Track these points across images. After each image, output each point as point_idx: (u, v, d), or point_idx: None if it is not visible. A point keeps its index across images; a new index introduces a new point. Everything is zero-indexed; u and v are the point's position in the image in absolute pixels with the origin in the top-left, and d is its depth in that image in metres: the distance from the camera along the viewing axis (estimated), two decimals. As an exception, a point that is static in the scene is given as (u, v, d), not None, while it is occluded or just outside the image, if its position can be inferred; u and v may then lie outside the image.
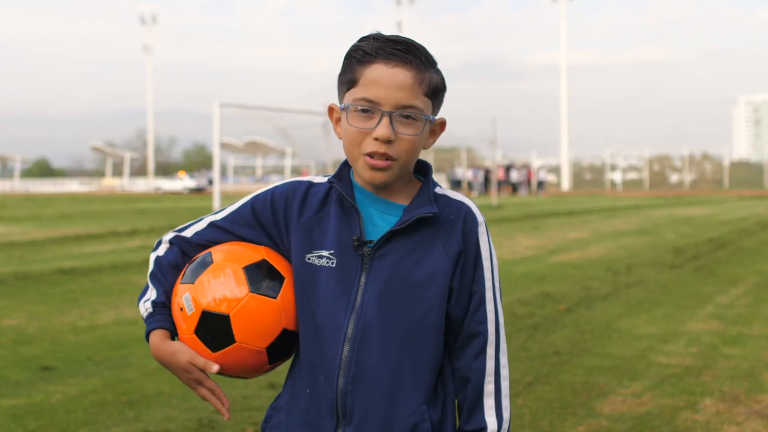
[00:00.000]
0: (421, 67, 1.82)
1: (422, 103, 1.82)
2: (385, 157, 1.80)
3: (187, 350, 1.84)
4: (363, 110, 1.80)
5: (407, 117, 1.80)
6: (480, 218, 1.90)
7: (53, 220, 24.27)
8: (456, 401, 1.91)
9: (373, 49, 1.81)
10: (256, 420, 4.83)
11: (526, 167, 57.63)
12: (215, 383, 1.85)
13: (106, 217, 25.79)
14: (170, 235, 1.99)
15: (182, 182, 65.39)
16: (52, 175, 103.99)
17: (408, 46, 1.82)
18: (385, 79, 1.79)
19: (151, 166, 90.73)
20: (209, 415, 4.91)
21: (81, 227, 20.81)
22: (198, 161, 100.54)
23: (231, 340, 1.82)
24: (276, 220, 1.92)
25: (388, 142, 1.79)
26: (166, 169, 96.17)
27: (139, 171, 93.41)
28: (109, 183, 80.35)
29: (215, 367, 1.82)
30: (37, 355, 6.56)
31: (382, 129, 1.79)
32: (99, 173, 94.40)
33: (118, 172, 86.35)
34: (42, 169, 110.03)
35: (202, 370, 1.84)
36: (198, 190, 63.59)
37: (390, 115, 1.79)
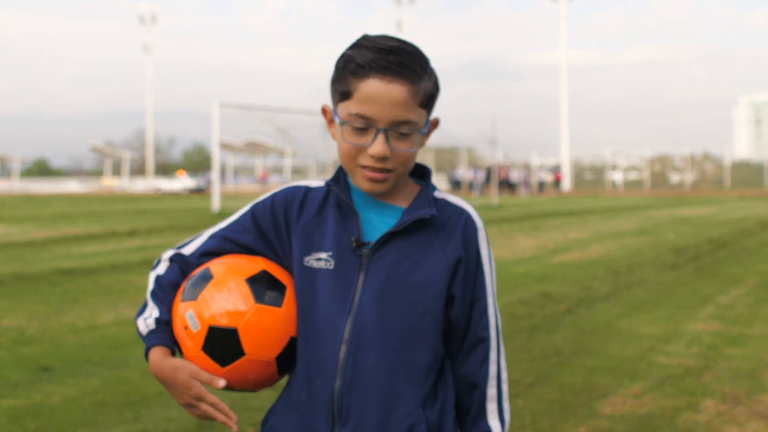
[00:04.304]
0: (416, 79, 1.77)
1: (417, 115, 1.79)
2: (382, 170, 1.80)
3: (189, 366, 1.81)
4: (358, 128, 1.78)
5: (403, 134, 1.78)
6: (479, 224, 1.90)
7: (53, 221, 24.26)
8: (455, 404, 1.90)
9: (366, 62, 1.75)
10: (256, 420, 4.81)
11: (527, 167, 57.63)
12: (217, 398, 1.82)
13: (106, 217, 25.79)
14: (170, 252, 1.97)
15: (182, 182, 65.40)
16: (52, 175, 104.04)
17: (401, 57, 1.76)
18: (379, 96, 1.75)
19: (150, 166, 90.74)
20: (209, 416, 4.89)
21: (80, 227, 20.81)
22: (198, 161, 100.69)
23: (240, 353, 1.79)
24: (276, 225, 1.92)
25: (383, 159, 1.78)
26: (165, 169, 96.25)
27: (139, 171, 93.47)
28: (109, 183, 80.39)
29: (221, 382, 1.79)
30: (36, 356, 6.55)
31: (378, 146, 1.76)
32: (98, 173, 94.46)
33: (117, 172, 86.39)
34: (41, 169, 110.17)
35: (206, 385, 1.81)
36: (198, 191, 63.60)
37: (386, 132, 1.77)
